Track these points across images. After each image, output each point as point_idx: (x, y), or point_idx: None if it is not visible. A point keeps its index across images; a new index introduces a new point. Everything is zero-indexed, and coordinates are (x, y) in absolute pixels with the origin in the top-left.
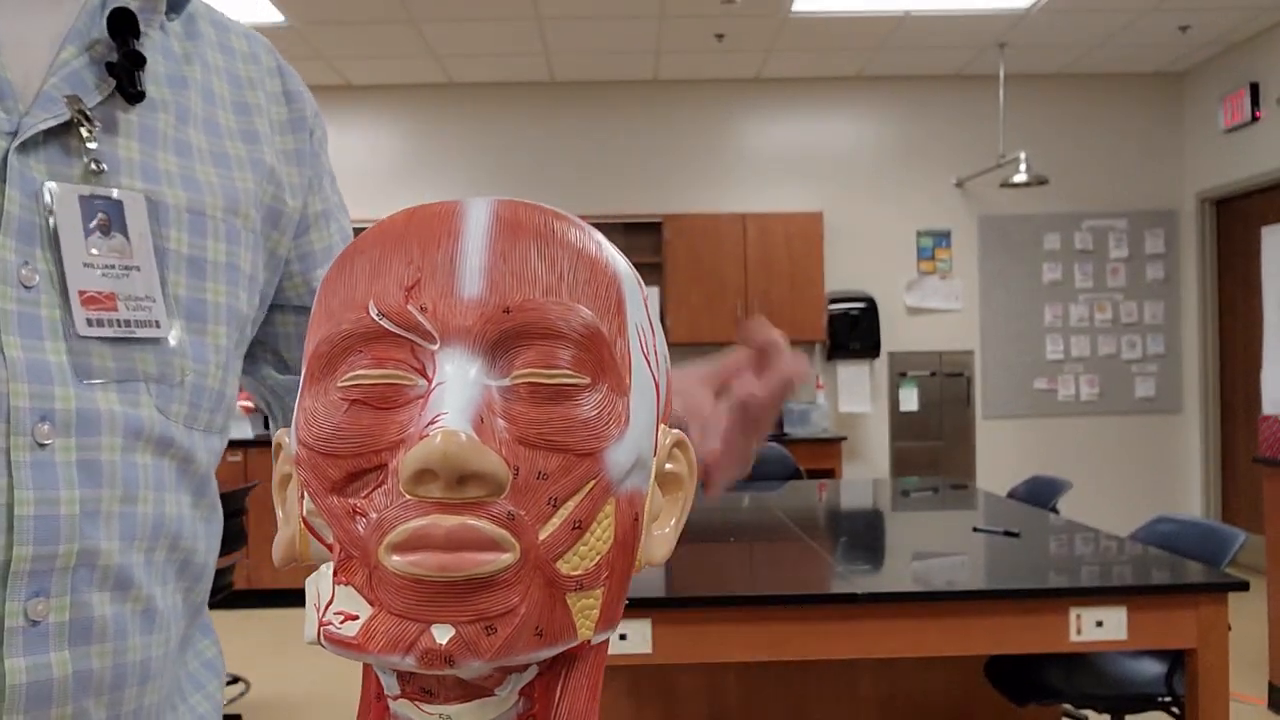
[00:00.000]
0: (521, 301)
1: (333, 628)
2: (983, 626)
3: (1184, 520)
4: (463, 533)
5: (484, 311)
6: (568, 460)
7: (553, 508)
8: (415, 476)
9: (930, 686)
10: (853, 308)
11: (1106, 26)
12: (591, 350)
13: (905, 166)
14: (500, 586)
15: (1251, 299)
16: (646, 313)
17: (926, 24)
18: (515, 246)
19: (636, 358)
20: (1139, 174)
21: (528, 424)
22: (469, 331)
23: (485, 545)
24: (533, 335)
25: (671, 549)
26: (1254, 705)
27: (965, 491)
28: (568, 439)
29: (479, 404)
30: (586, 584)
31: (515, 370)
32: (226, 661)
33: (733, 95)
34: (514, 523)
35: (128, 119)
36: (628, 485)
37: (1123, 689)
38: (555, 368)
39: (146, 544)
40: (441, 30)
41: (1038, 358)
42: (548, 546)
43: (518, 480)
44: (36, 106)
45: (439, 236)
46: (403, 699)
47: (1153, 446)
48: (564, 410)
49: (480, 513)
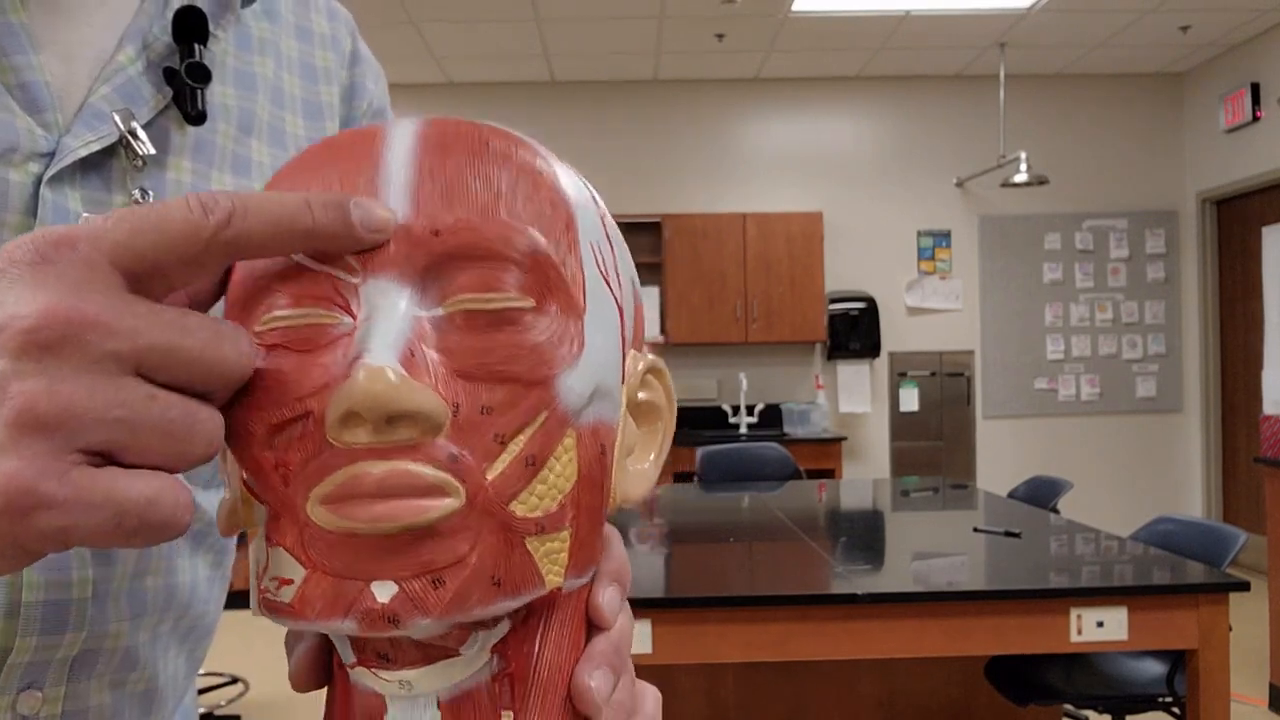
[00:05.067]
0: (453, 222)
1: (269, 595)
2: (983, 627)
3: (1185, 520)
4: (396, 478)
5: (411, 234)
6: (514, 391)
7: (500, 444)
8: (340, 420)
9: (930, 687)
10: (853, 308)
11: (1107, 26)
12: (536, 272)
13: (905, 166)
14: (445, 535)
15: (1252, 299)
16: (604, 230)
17: (927, 24)
18: (444, 163)
19: (592, 277)
20: (1139, 174)
21: (466, 354)
22: (394, 259)
23: (424, 491)
24: (468, 258)
25: (651, 485)
26: (1255, 706)
27: (965, 492)
28: (513, 367)
29: (408, 336)
30: (549, 526)
31: (449, 298)
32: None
33: (733, 95)
34: (457, 464)
35: (181, 135)
36: (589, 416)
37: (1123, 689)
38: (495, 291)
39: (155, 619)
40: (441, 31)
41: (1038, 357)
42: (498, 487)
43: (459, 418)
44: (79, 123)
45: (358, 160)
46: (359, 667)
47: (1153, 446)
48: (507, 336)
49: (416, 456)
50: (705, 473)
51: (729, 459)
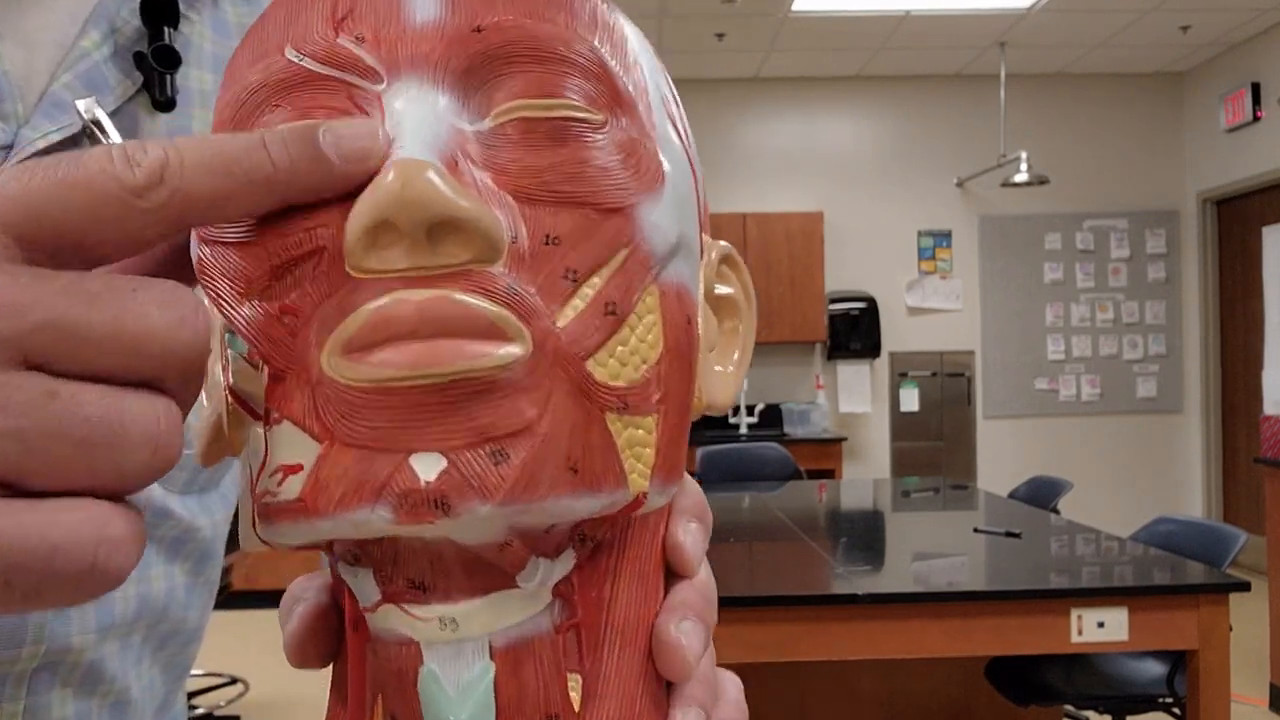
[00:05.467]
0: (498, 20)
1: (269, 498)
2: (983, 627)
3: (1185, 521)
4: (443, 307)
5: (446, 32)
6: (586, 219)
7: (572, 283)
8: (366, 235)
9: (931, 687)
10: (853, 308)
11: (1107, 26)
12: (603, 80)
13: (906, 166)
14: (507, 392)
15: (1252, 299)
16: (669, 88)
17: (927, 23)
18: None
19: (661, 121)
20: (1140, 174)
21: (524, 173)
22: (427, 59)
23: (480, 330)
24: (517, 58)
25: (737, 392)
26: (1255, 706)
27: (966, 492)
28: (584, 188)
29: (449, 143)
30: (633, 404)
31: (498, 105)
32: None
33: (733, 94)
34: (519, 300)
35: (152, 123)
36: (673, 272)
37: (1124, 690)
38: (554, 95)
39: (124, 630)
40: None
41: (1039, 358)
42: (572, 336)
43: (518, 247)
44: (39, 113)
45: None
46: (385, 604)
47: (1154, 447)
48: (573, 151)
49: (468, 284)
50: (705, 473)
51: (729, 459)
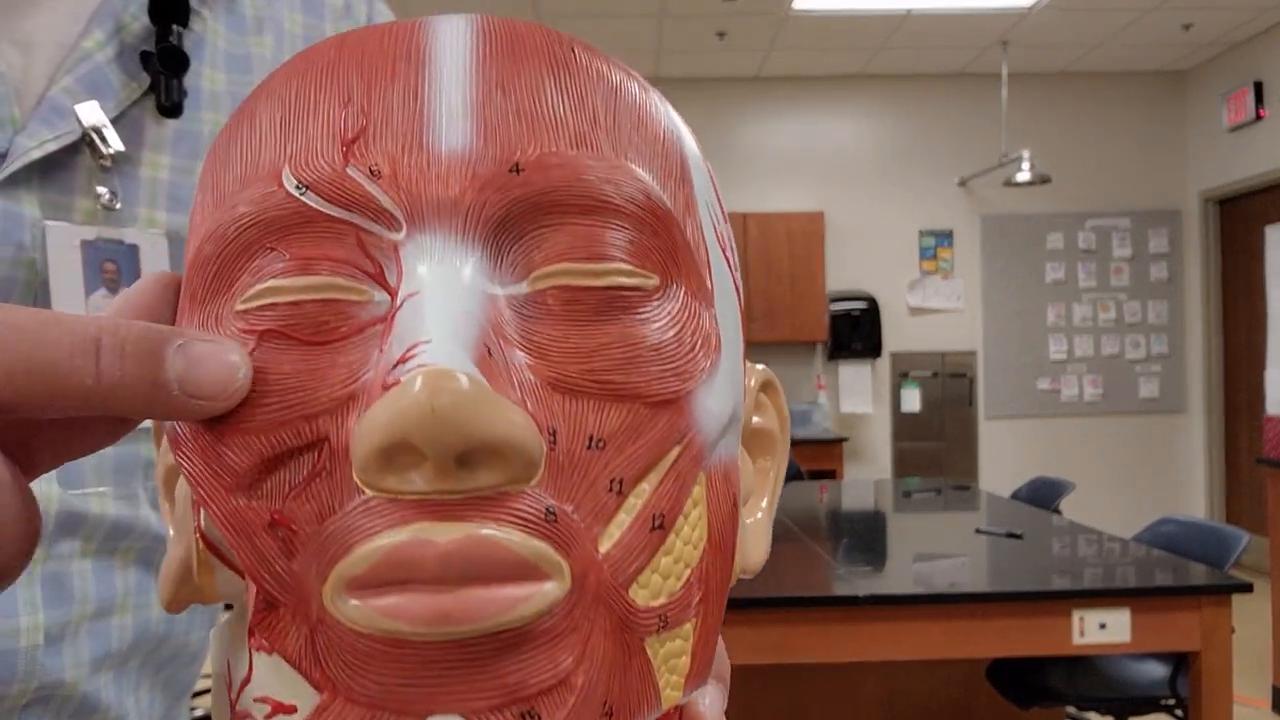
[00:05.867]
0: (539, 155)
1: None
2: (985, 629)
3: (1187, 521)
4: (474, 550)
5: (478, 171)
6: (635, 414)
7: (618, 496)
8: (381, 456)
9: (932, 689)
10: (854, 308)
11: (1109, 25)
12: (657, 232)
13: (907, 165)
14: (541, 641)
15: (1255, 298)
16: (715, 192)
17: (929, 22)
18: (517, 72)
19: (713, 248)
20: (1142, 173)
21: (565, 356)
22: (456, 206)
23: (513, 571)
24: (562, 209)
25: (769, 545)
26: (1257, 708)
27: (967, 493)
28: (634, 377)
29: (482, 324)
30: (672, 618)
31: (538, 268)
32: None
33: (733, 94)
34: (557, 527)
35: (159, 128)
36: (721, 452)
37: (1126, 691)
38: (603, 259)
39: (119, 660)
40: None
41: (1041, 358)
42: (615, 563)
43: (556, 453)
44: (37, 119)
45: (392, 61)
46: None
47: (1156, 447)
48: (623, 329)
49: (499, 513)
50: None
51: None
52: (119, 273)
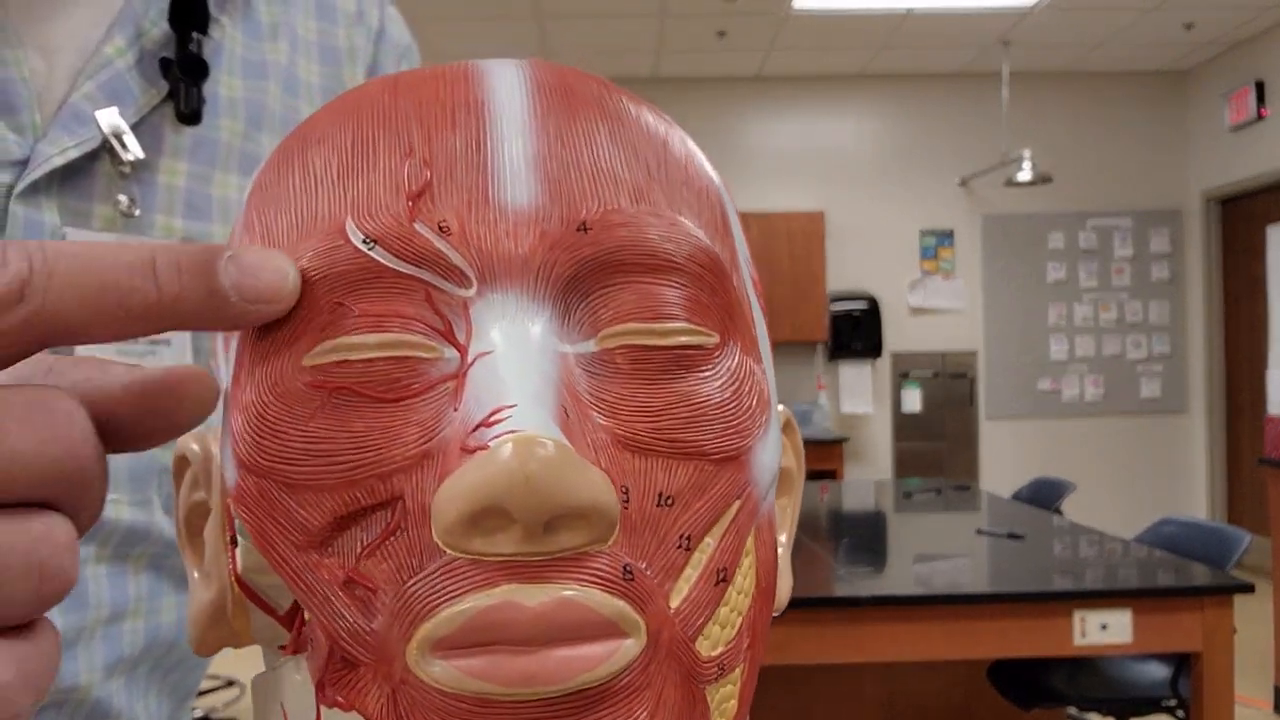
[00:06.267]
0: (603, 213)
1: None
2: (986, 630)
3: (1189, 522)
4: (562, 613)
5: (546, 229)
6: (701, 471)
7: (686, 551)
8: (470, 519)
9: (933, 690)
10: (855, 308)
11: (1110, 24)
12: (715, 290)
13: (908, 165)
14: (620, 697)
15: (1257, 298)
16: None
17: (929, 21)
18: (572, 125)
19: (752, 297)
20: (1143, 172)
21: (634, 415)
22: (526, 265)
23: (596, 631)
24: (627, 268)
25: (791, 582)
26: (1259, 709)
27: (968, 493)
28: (699, 435)
29: (558, 386)
30: (728, 665)
31: (606, 327)
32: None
33: (734, 94)
34: (634, 587)
35: (177, 133)
36: (769, 501)
37: (1127, 692)
38: (669, 319)
39: (130, 665)
40: (440, 29)
41: (1042, 358)
42: (684, 618)
43: (629, 511)
44: (57, 126)
45: (451, 111)
46: None
47: (1158, 447)
48: (688, 388)
49: (581, 573)
50: None
51: None
52: None
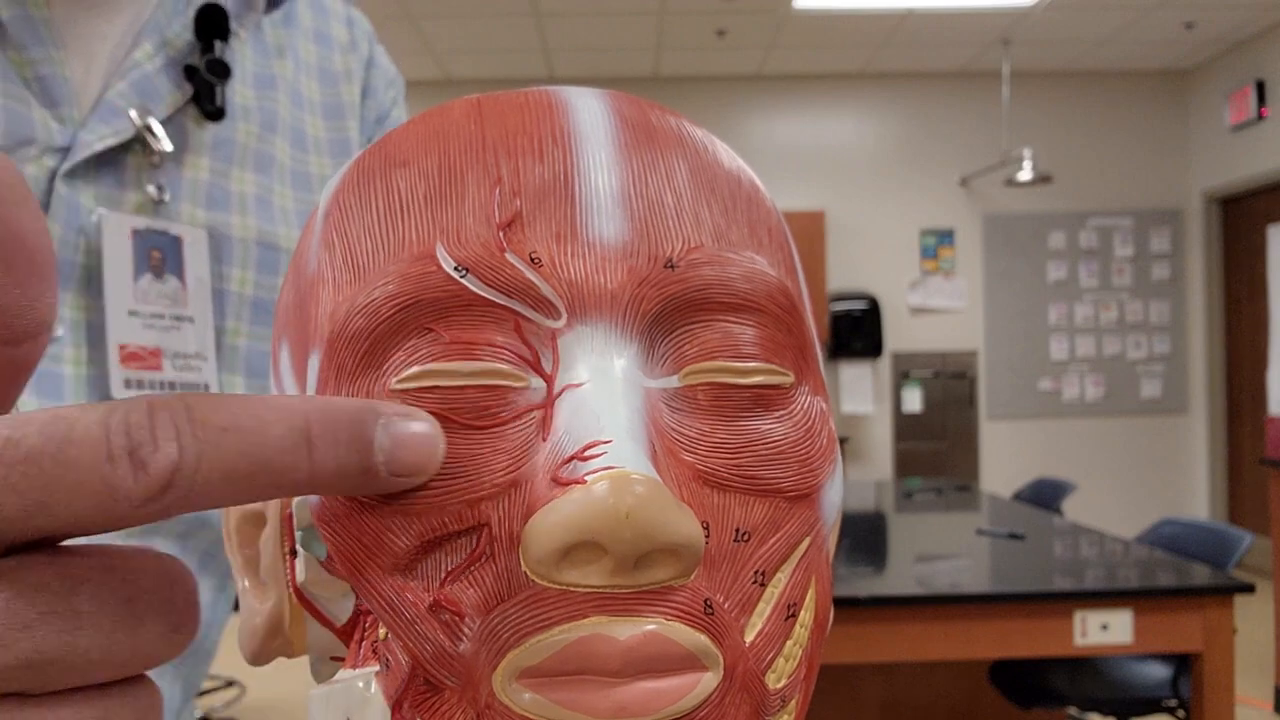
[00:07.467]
0: (688, 250)
1: None
2: (987, 630)
3: (1190, 522)
4: (651, 646)
5: (634, 264)
6: (776, 509)
7: (760, 586)
8: (561, 554)
9: (934, 691)
10: (855, 307)
11: (1111, 23)
12: (791, 330)
13: (908, 164)
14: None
15: (1258, 298)
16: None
17: (930, 20)
18: (658, 161)
19: (813, 332)
20: (1144, 172)
21: (713, 451)
22: (615, 300)
23: (680, 664)
24: (711, 306)
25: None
26: (1260, 709)
27: (969, 493)
28: (775, 473)
29: (647, 422)
30: (788, 696)
31: (690, 364)
32: (223, 663)
33: (734, 92)
34: (713, 620)
35: (200, 132)
36: (832, 536)
37: (1128, 693)
38: (750, 358)
39: None
40: (440, 26)
41: (1042, 358)
42: (757, 652)
43: (709, 545)
44: (95, 117)
45: (538, 142)
46: None
47: (1158, 448)
48: (765, 426)
49: (666, 607)
50: None
51: None
52: (164, 260)
